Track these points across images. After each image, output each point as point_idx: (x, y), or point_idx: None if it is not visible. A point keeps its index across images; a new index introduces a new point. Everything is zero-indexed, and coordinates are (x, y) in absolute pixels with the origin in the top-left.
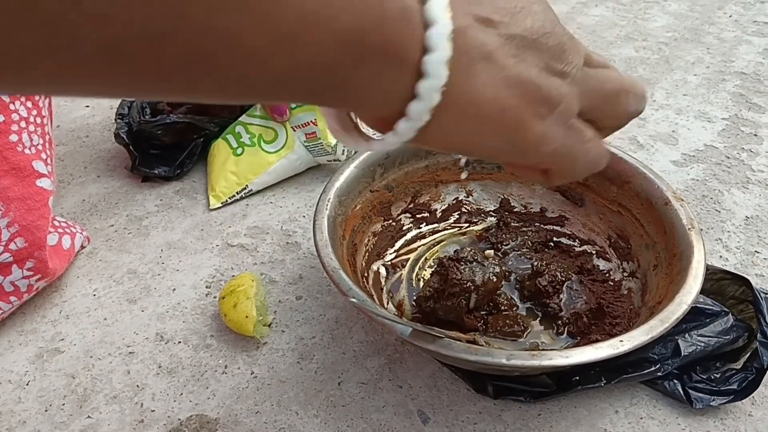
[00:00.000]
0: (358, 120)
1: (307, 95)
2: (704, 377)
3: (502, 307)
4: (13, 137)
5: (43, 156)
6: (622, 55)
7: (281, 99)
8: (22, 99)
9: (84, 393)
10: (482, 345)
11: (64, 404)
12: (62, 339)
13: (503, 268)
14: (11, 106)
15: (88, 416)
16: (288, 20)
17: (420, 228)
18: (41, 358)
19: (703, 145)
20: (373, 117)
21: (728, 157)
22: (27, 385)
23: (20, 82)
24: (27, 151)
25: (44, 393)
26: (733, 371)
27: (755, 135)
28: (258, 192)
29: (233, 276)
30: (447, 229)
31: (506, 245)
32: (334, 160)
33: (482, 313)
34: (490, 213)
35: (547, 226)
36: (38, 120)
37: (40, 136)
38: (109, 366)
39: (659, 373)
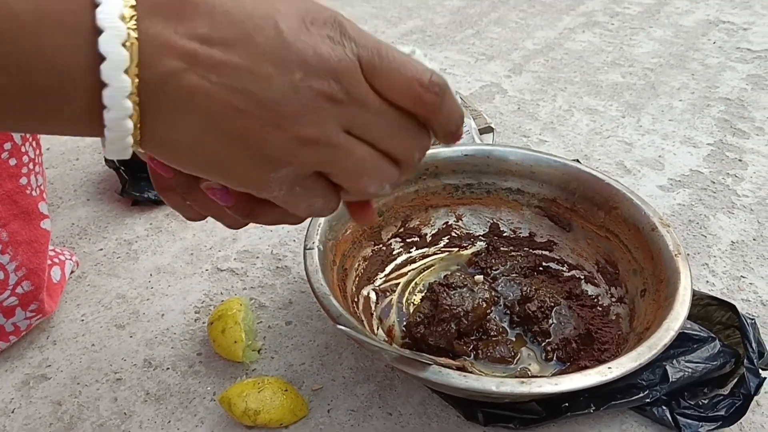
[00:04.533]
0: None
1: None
2: (692, 403)
3: (492, 333)
4: (23, 180)
5: (45, 196)
6: (609, 81)
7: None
8: (30, 140)
9: (70, 421)
10: (472, 371)
11: None
12: (49, 365)
13: (492, 293)
14: (22, 149)
15: None
16: None
17: (410, 252)
18: (27, 384)
19: (688, 170)
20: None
21: (714, 182)
22: (12, 412)
23: None
24: (33, 193)
25: (30, 421)
26: (721, 397)
27: (740, 160)
28: None
29: (222, 301)
30: (437, 254)
31: (495, 270)
32: None
33: (472, 338)
34: (480, 237)
35: (536, 251)
36: (40, 159)
37: (42, 176)
38: (96, 393)
39: (648, 399)
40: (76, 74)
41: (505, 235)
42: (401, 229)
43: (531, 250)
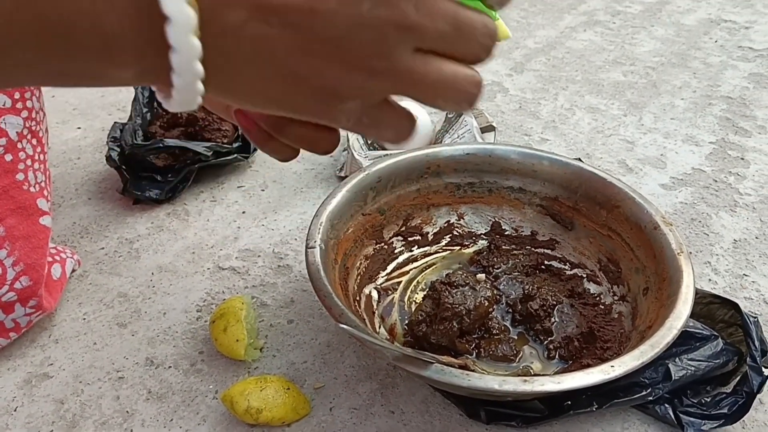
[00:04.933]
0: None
1: (58, 76)
2: (695, 401)
3: (494, 331)
4: (20, 176)
5: (45, 193)
6: (611, 80)
7: (38, 76)
8: (29, 137)
9: (73, 419)
10: (474, 370)
11: (52, 431)
12: (51, 364)
13: (494, 292)
14: (19, 145)
15: None
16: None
17: (412, 251)
18: (29, 383)
19: (691, 168)
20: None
21: (716, 181)
22: (15, 411)
23: None
24: (32, 189)
25: (32, 419)
26: (724, 395)
27: (742, 158)
28: (249, 214)
29: (224, 299)
30: (438, 252)
31: (497, 268)
32: None
33: (474, 337)
34: (482, 236)
35: (537, 250)
36: (41, 157)
37: (42, 173)
38: (98, 391)
39: (650, 398)
40: (138, 27)
41: (506, 233)
42: (403, 228)
43: (533, 249)
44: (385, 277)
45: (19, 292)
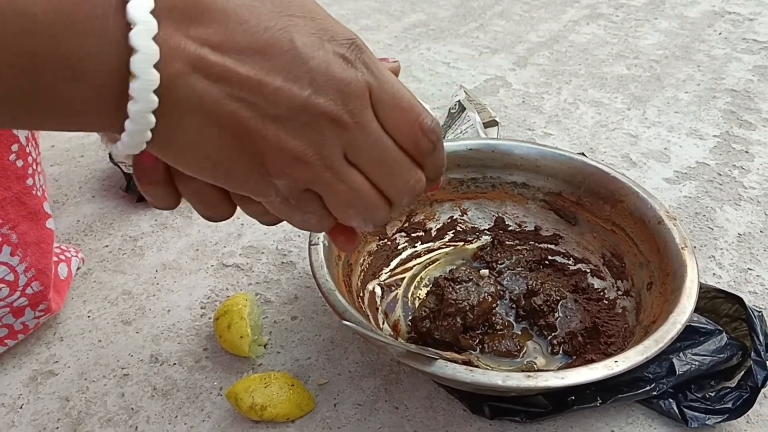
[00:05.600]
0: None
1: (16, 113)
2: (699, 396)
3: (498, 327)
4: (29, 181)
5: (47, 195)
6: (614, 73)
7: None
8: (32, 139)
9: (78, 416)
10: (478, 365)
11: (58, 428)
12: (56, 361)
13: (498, 287)
14: (27, 149)
15: None
16: None
17: (415, 247)
18: (35, 380)
19: (695, 162)
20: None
21: (720, 174)
22: (21, 408)
23: None
24: (38, 193)
25: (38, 416)
26: (728, 390)
27: (746, 152)
28: None
29: (228, 296)
30: (442, 248)
31: (501, 264)
32: None
33: (478, 332)
34: (485, 232)
35: (541, 245)
36: (39, 158)
37: (42, 175)
38: (103, 388)
39: (654, 393)
40: (104, 65)
41: (510, 229)
42: (406, 224)
43: (536, 244)
44: (389, 274)
45: (30, 297)
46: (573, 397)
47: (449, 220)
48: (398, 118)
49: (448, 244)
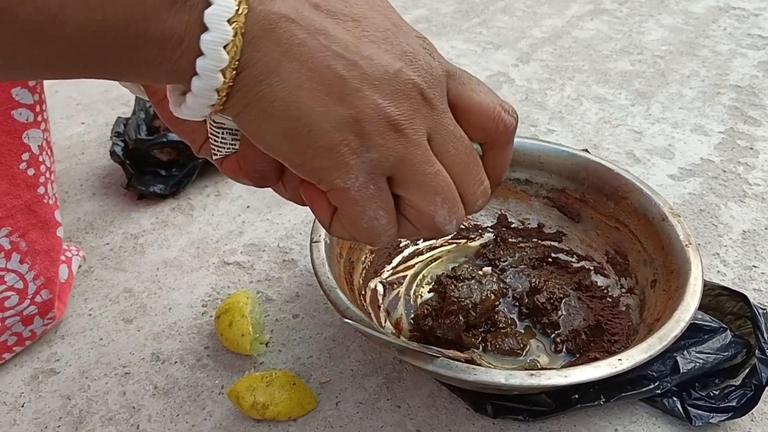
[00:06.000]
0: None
1: (93, 73)
2: (703, 394)
3: (501, 325)
4: (41, 189)
5: (58, 203)
6: (618, 69)
7: (74, 74)
8: (46, 148)
9: (80, 415)
10: (480, 364)
11: (59, 426)
12: (58, 360)
13: (501, 285)
14: (39, 158)
15: None
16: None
17: (417, 244)
18: (36, 379)
19: (699, 158)
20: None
21: (725, 171)
22: (22, 407)
23: None
24: (50, 201)
25: (39, 415)
26: (732, 388)
27: (751, 148)
28: (254, 209)
29: (229, 294)
30: (444, 246)
31: (504, 261)
32: None
33: (480, 331)
34: (488, 229)
35: (544, 242)
36: (53, 167)
37: (56, 183)
38: (104, 387)
39: (658, 391)
40: (180, 17)
41: (513, 226)
42: None
43: (540, 241)
44: (391, 271)
45: (39, 306)
46: (576, 396)
47: None
48: (479, 101)
49: (450, 241)
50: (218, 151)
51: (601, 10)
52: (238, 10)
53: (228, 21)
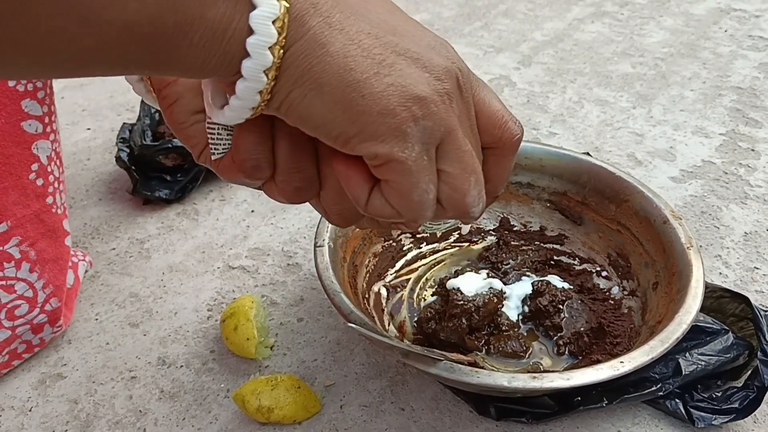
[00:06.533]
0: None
1: (142, 61)
2: (705, 396)
3: (504, 328)
4: (50, 199)
5: (67, 213)
6: (619, 71)
7: (123, 64)
8: (55, 159)
9: (87, 419)
10: (483, 366)
11: (67, 430)
12: (65, 364)
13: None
14: (48, 168)
15: None
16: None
17: (420, 248)
18: (44, 383)
19: (701, 160)
20: (227, 84)
21: (726, 173)
22: (30, 411)
23: None
24: (58, 211)
25: (47, 419)
26: (735, 389)
27: (752, 150)
28: (258, 213)
29: (234, 298)
30: (447, 249)
31: (506, 264)
32: None
33: (483, 333)
34: (490, 232)
35: (546, 245)
36: (62, 177)
37: (65, 193)
38: (111, 391)
39: (660, 393)
40: (227, 18)
41: (515, 229)
42: None
43: (542, 244)
44: (394, 275)
45: (49, 314)
46: (579, 398)
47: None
48: (489, 106)
49: (453, 245)
50: (216, 149)
51: (602, 13)
52: None
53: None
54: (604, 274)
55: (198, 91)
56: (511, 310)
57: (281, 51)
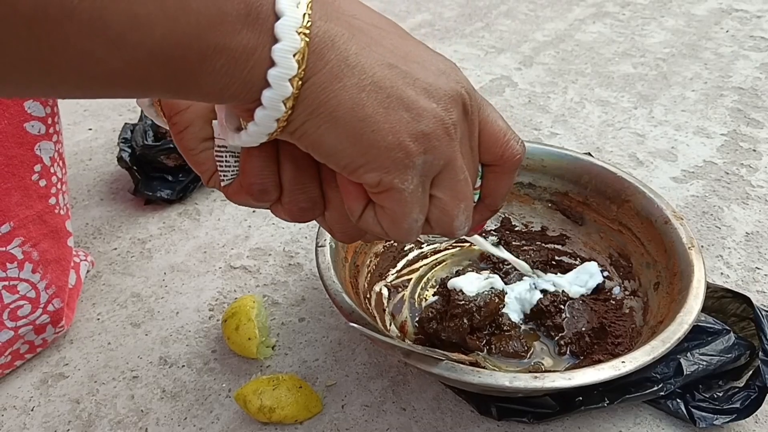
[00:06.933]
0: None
1: (164, 84)
2: (707, 396)
3: (505, 328)
4: (52, 200)
5: (70, 214)
6: (621, 72)
7: (145, 87)
8: (58, 160)
9: (89, 418)
10: (485, 366)
11: (68, 430)
12: (66, 364)
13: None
14: (51, 170)
15: None
16: (116, 23)
17: (421, 248)
18: (46, 383)
19: (702, 161)
20: (243, 110)
21: (728, 173)
22: (32, 410)
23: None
24: (61, 212)
25: (49, 419)
26: (736, 389)
27: (754, 150)
28: (260, 213)
29: (236, 298)
30: (448, 249)
31: (508, 265)
32: None
33: (485, 333)
34: (492, 232)
35: (548, 245)
36: (65, 178)
37: (67, 194)
38: (113, 391)
39: (662, 393)
40: (252, 48)
41: (516, 229)
42: None
43: (543, 245)
44: (396, 275)
45: (51, 315)
46: (580, 398)
47: None
48: (493, 126)
49: (454, 245)
50: (225, 176)
51: (604, 13)
52: (304, 22)
53: (296, 32)
54: (605, 274)
55: (207, 120)
56: (512, 312)
57: (300, 82)
